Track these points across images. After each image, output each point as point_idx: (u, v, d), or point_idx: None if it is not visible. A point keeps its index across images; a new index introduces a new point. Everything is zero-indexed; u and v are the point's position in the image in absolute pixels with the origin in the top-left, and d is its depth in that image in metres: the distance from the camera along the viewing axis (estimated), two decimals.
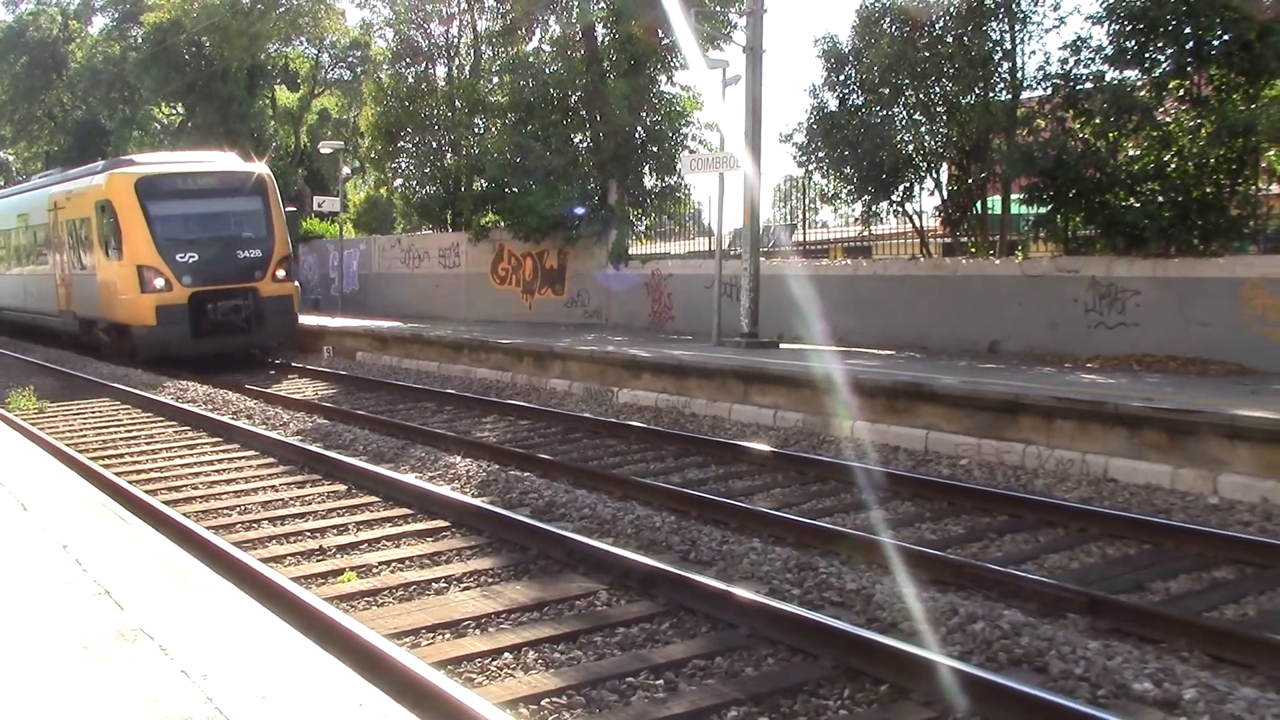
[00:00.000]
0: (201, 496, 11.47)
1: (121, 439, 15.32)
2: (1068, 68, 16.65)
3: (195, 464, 13.26)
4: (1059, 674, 6.11)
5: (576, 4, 26.35)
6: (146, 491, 11.29)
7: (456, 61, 33.29)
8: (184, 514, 10.29)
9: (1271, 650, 6.44)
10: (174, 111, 53.96)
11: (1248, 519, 9.55)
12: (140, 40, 49.02)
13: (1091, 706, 5.60)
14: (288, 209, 27.90)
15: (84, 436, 15.50)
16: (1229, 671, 6.28)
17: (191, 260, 23.54)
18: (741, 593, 7.29)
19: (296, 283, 25.91)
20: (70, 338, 28.30)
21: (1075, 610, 7.23)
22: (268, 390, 19.71)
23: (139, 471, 12.80)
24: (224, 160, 26.90)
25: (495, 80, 30.60)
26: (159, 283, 23.22)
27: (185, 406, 17.45)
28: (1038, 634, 6.57)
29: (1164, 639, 6.77)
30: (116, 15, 53.50)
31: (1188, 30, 14.88)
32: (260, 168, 26.19)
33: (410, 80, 32.70)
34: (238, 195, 24.77)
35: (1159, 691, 5.78)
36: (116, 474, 12.19)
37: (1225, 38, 14.63)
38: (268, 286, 24.28)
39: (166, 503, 10.83)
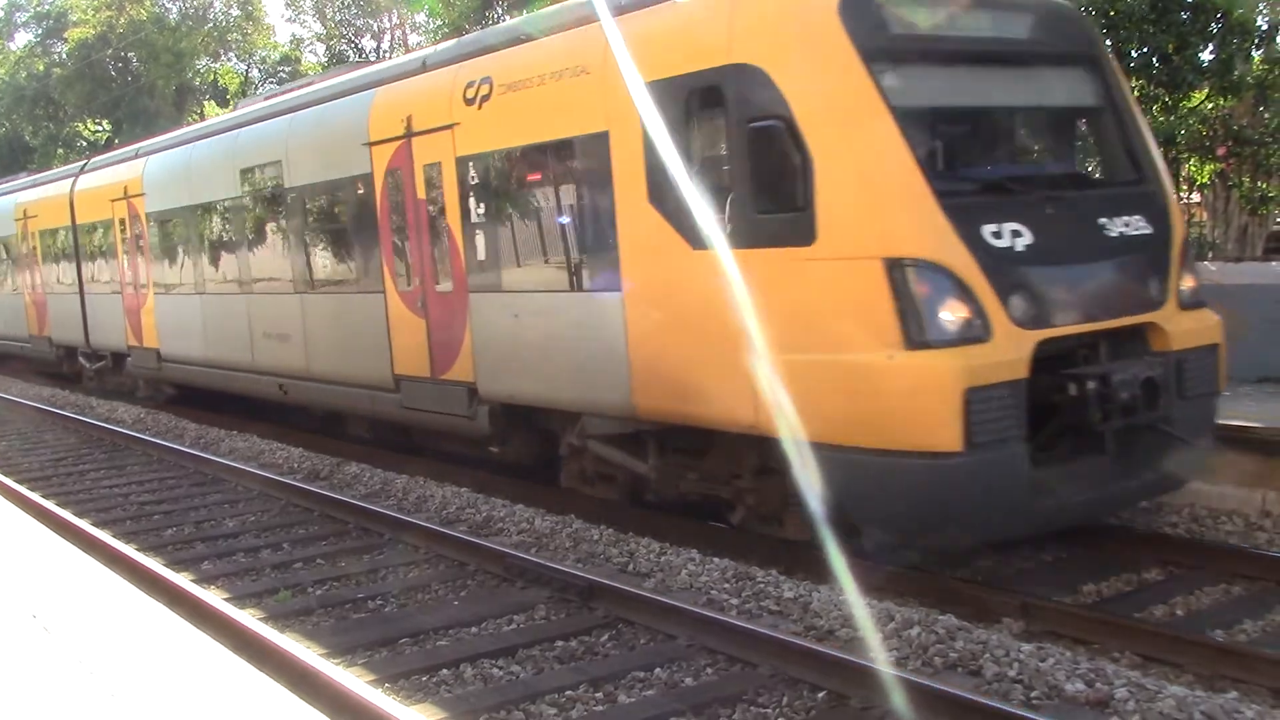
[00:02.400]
0: None
1: None
2: None
3: None
4: (993, 677, 6.18)
5: (508, 19, 26.34)
6: None
7: None
8: None
9: (1200, 649, 6.57)
10: (100, 128, 53.17)
11: (1175, 520, 9.72)
12: (64, 56, 48.23)
13: (1025, 709, 5.69)
14: None
15: None
16: (1158, 670, 6.40)
17: (1025, 247, 7.80)
18: (680, 603, 7.31)
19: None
20: (444, 439, 12.59)
21: (1009, 614, 7.31)
22: None
23: None
24: None
25: None
26: (953, 316, 7.45)
27: None
28: (972, 638, 6.64)
29: (1096, 640, 6.88)
30: (40, 31, 52.57)
31: (1108, 43, 15.18)
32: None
33: None
34: (1071, 75, 9.17)
35: (1091, 692, 5.88)
36: None
37: (1144, 50, 14.94)
38: (1178, 321, 8.49)
39: None
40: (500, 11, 26.63)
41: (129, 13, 44.45)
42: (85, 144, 52.77)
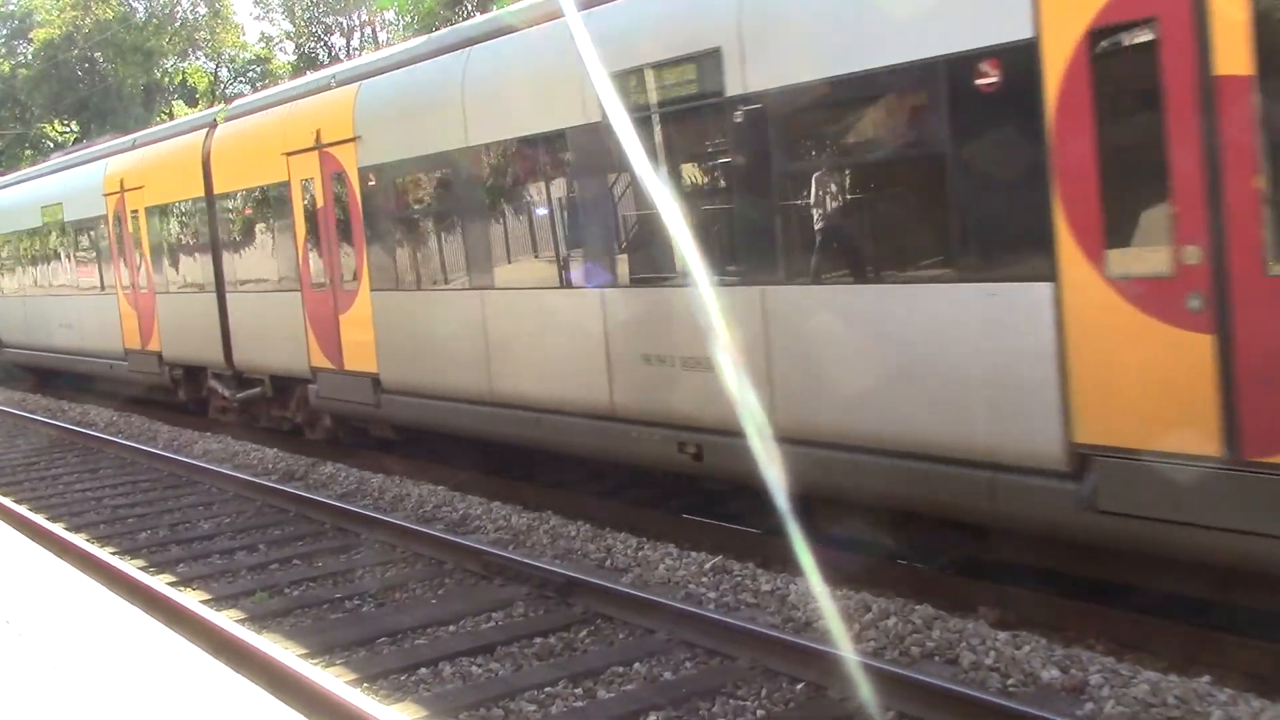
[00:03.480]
0: None
1: None
2: None
3: None
4: (970, 665, 6.22)
5: (478, 15, 26.27)
6: None
7: None
8: None
9: (1173, 634, 6.61)
10: (67, 129, 52.81)
11: None
12: (30, 57, 47.85)
13: (1001, 697, 5.73)
14: None
15: None
16: (1133, 656, 6.44)
17: None
18: (658, 598, 7.32)
19: None
20: None
21: (985, 603, 7.35)
22: None
23: None
24: None
25: None
26: None
27: None
28: (948, 627, 6.68)
29: (1071, 627, 6.92)
30: (5, 32, 52.13)
31: None
32: None
33: None
34: None
35: (1066, 678, 5.92)
36: None
37: None
38: None
39: None
40: (470, 8, 26.54)
41: (95, 13, 44.13)
42: (52, 145, 52.39)
